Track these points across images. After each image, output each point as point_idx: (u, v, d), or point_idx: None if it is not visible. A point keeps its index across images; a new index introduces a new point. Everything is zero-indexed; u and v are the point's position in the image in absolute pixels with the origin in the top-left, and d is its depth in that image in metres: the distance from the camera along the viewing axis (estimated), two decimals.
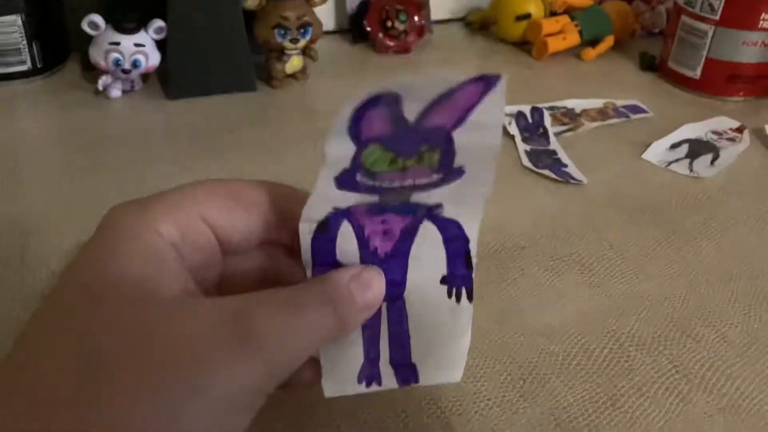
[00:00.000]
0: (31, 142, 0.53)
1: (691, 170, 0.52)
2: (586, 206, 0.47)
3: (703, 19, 0.61)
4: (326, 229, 0.25)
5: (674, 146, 0.55)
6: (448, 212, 0.26)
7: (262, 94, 0.61)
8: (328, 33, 0.73)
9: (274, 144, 0.53)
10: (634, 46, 0.73)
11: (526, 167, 0.51)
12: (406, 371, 0.27)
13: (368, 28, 0.70)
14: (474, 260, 0.27)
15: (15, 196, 0.46)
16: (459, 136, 0.23)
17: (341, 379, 0.26)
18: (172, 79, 0.59)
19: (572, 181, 0.49)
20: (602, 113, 0.59)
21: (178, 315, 0.21)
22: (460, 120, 0.23)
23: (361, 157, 0.23)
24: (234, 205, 0.25)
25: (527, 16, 0.70)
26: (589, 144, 0.55)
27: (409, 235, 0.26)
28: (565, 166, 0.51)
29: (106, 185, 0.47)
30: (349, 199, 0.24)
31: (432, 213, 0.26)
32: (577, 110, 0.59)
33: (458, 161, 0.24)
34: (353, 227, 0.25)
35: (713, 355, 0.35)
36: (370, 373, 0.27)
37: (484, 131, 0.23)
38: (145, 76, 0.60)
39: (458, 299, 0.27)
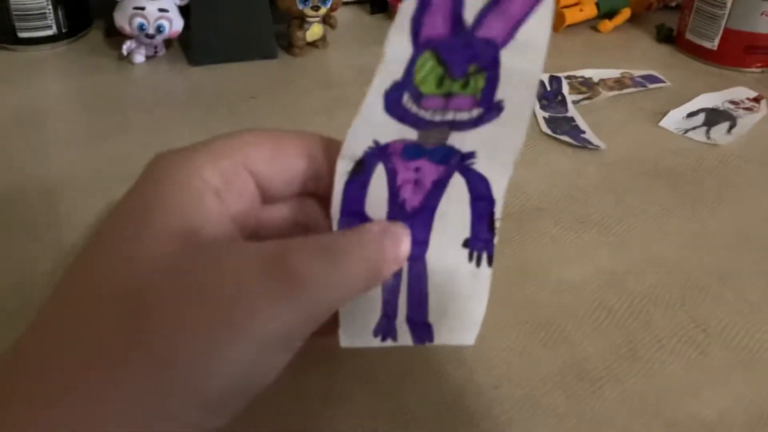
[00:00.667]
0: (56, 105, 0.53)
1: (708, 137, 0.52)
2: (603, 170, 0.48)
3: None
4: (361, 171, 0.25)
5: (691, 115, 0.55)
6: (481, 165, 0.26)
7: (283, 62, 0.62)
8: (347, 4, 0.73)
9: (293, 111, 0.54)
10: (651, 19, 0.74)
11: (544, 133, 0.52)
12: (422, 330, 0.28)
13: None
14: (498, 224, 0.27)
15: (43, 158, 0.47)
16: (505, 57, 0.24)
17: (358, 331, 0.27)
18: (194, 45, 0.59)
19: (590, 147, 0.50)
20: (619, 83, 0.59)
21: (220, 256, 0.22)
22: (509, 35, 0.23)
23: (414, 68, 0.24)
24: (277, 154, 0.25)
25: None
26: (607, 112, 0.55)
27: (438, 189, 0.26)
28: (583, 132, 0.52)
29: (130, 147, 0.48)
30: (390, 130, 0.25)
31: (464, 163, 0.26)
32: (595, 79, 0.60)
33: (499, 94, 0.24)
34: (387, 172, 0.26)
35: (732, 311, 0.36)
36: (386, 329, 0.27)
37: (528, 54, 0.24)
38: (167, 42, 0.61)
39: (478, 263, 0.27)
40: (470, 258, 0.27)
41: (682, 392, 0.32)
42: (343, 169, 0.25)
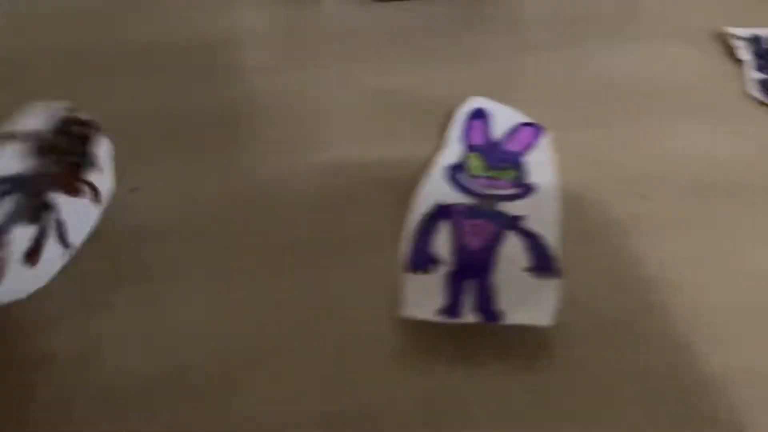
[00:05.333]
0: (252, 35, 0.56)
1: None
2: None
3: None
4: (429, 217, 0.36)
5: None
6: (532, 225, 0.35)
7: (469, 1, 0.60)
8: None
9: (473, 51, 0.53)
10: None
11: (753, 97, 0.46)
12: (490, 315, 0.31)
13: None
14: (556, 253, 0.34)
15: (239, 83, 0.49)
16: (527, 159, 0.40)
17: (421, 308, 0.31)
18: None
19: None
20: None
21: None
22: (525, 150, 0.41)
23: (465, 161, 0.40)
24: None
25: None
26: None
27: (497, 238, 0.35)
28: None
29: (318, 78, 0.49)
30: (450, 194, 0.37)
31: (516, 223, 0.35)
32: None
33: (531, 179, 0.39)
34: (453, 224, 0.35)
35: None
36: (452, 311, 0.31)
37: (539, 169, 0.39)
38: None
39: (541, 277, 0.32)
40: (535, 276, 0.33)
41: None
42: (416, 216, 0.36)
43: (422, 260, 0.34)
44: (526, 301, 0.31)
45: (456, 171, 0.39)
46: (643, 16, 0.57)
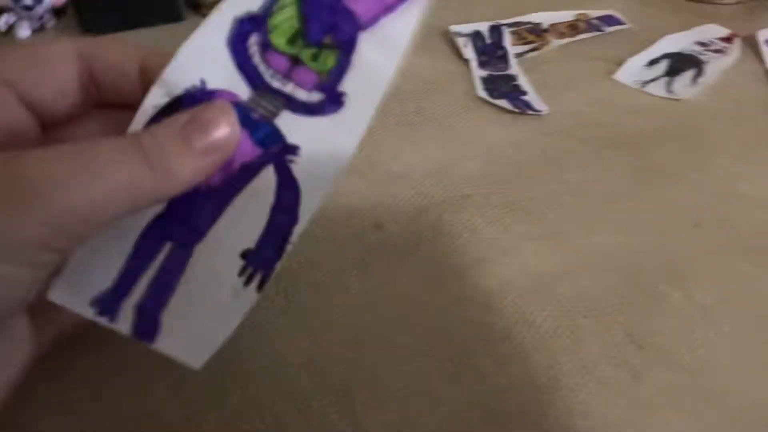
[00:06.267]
0: None
1: (670, 91, 0.45)
2: (545, 141, 0.41)
3: None
4: (172, 112, 0.21)
5: (653, 63, 0.48)
6: (300, 168, 0.23)
7: (192, 24, 0.54)
8: None
9: None
10: None
11: (479, 98, 0.45)
12: (148, 324, 0.23)
13: None
14: (289, 247, 0.23)
15: None
16: (362, 43, 0.23)
17: (75, 290, 0.22)
18: (86, 12, 0.52)
19: (531, 112, 0.43)
20: (573, 27, 0.52)
21: None
22: (374, 18, 0.23)
23: (274, 8, 0.22)
24: (33, 60, 0.23)
25: None
26: (555, 65, 0.48)
27: (245, 176, 0.23)
28: (525, 93, 0.45)
29: None
30: (224, 71, 0.22)
31: (284, 158, 0.23)
32: (545, 25, 0.52)
33: (344, 84, 0.23)
34: None
35: (678, 318, 0.31)
36: (107, 304, 0.22)
37: (385, 49, 0.23)
38: (58, 11, 0.54)
39: (247, 283, 0.23)
40: (241, 272, 0.23)
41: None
42: (153, 101, 0.22)
43: None
44: (197, 324, 0.22)
45: (247, 31, 0.22)
46: None
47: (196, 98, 0.22)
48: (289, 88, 0.23)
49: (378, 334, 0.30)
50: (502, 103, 0.44)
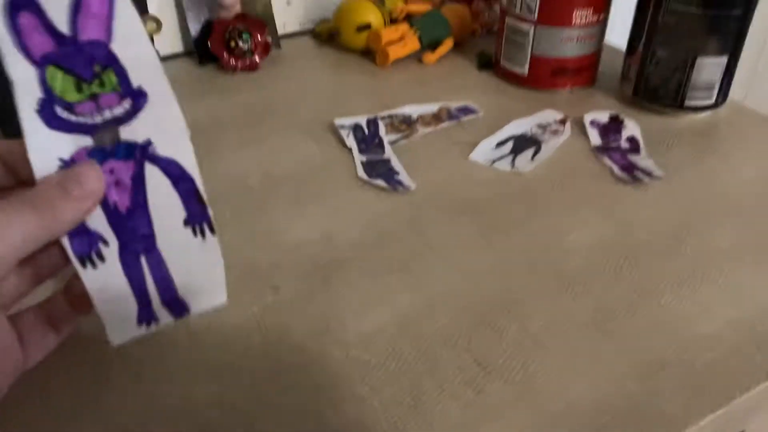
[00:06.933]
0: None
1: (513, 166, 0.56)
2: (412, 210, 0.50)
3: (523, 20, 0.65)
4: None
5: (500, 144, 0.58)
6: (161, 149, 0.30)
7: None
8: (175, 56, 0.74)
9: None
10: (475, 45, 0.77)
11: (361, 179, 0.54)
12: (177, 306, 0.32)
13: (213, 50, 0.70)
14: (204, 195, 0.31)
15: None
16: (118, 51, 0.28)
17: (122, 326, 0.31)
18: None
19: (401, 189, 0.52)
20: (436, 118, 0.62)
21: None
22: (108, 32, 0.28)
23: (48, 83, 0.28)
24: None
25: (367, 26, 0.73)
26: (421, 150, 0.58)
27: (140, 184, 0.30)
28: (397, 174, 0.54)
29: None
30: (65, 143, 0.28)
31: (147, 153, 0.30)
32: (414, 116, 0.62)
33: (135, 80, 0.29)
34: None
35: (513, 344, 0.39)
36: (147, 316, 0.31)
37: (134, 43, 0.29)
38: None
39: (203, 235, 0.31)
40: (194, 233, 0.31)
41: None
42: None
43: (86, 246, 0.29)
44: (200, 280, 0.32)
45: (49, 106, 0.27)
46: (274, 116, 0.64)
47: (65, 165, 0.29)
48: (108, 114, 0.29)
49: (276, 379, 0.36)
50: (379, 182, 0.53)
